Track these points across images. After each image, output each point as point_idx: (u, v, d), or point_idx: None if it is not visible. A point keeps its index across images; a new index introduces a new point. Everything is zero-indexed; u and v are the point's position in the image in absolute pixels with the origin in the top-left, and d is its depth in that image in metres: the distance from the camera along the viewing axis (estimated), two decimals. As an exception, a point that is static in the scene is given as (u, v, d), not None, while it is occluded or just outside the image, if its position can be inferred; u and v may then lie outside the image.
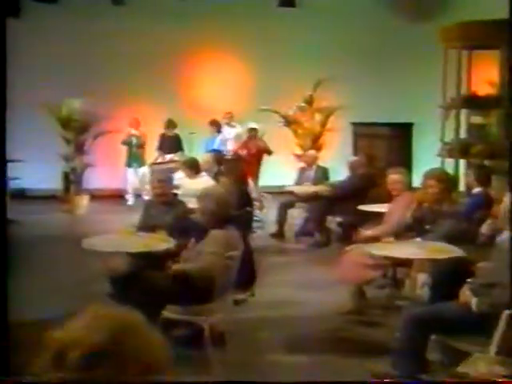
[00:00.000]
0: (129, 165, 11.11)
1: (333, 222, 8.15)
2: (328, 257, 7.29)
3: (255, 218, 7.13)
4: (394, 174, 5.86)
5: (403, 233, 5.05)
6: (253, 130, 10.44)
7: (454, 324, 3.47)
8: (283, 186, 9.21)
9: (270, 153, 10.40)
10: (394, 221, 5.35)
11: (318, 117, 11.36)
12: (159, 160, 10.80)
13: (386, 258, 4.78)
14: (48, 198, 11.20)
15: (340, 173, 9.23)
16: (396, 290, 5.10)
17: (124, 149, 11.19)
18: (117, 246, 4.77)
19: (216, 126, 10.81)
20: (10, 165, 9.42)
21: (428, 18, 11.24)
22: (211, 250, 4.27)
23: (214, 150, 9.28)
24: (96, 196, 11.17)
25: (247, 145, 10.38)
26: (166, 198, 5.44)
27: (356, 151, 10.42)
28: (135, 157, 11.06)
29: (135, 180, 11.12)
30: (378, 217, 6.27)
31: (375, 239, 5.16)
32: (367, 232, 5.49)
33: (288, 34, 12.06)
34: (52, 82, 11.25)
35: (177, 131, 11.09)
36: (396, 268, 4.99)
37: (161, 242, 4.75)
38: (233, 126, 11.15)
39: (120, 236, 5.02)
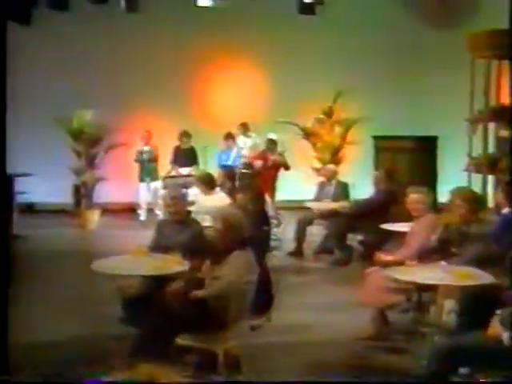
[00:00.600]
0: (141, 179, 11.11)
1: (354, 239, 8.09)
2: (348, 276, 7.27)
3: (272, 237, 7.07)
4: (413, 194, 5.68)
5: (427, 256, 4.96)
6: (272, 142, 10.41)
7: (483, 358, 3.39)
8: (301, 201, 9.16)
9: (287, 168, 10.37)
10: (415, 245, 5.25)
11: (337, 129, 11.34)
12: (173, 173, 10.78)
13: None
14: (58, 212, 11.27)
15: (361, 188, 9.15)
16: (420, 314, 5.00)
17: (136, 163, 11.19)
18: (128, 268, 4.70)
19: (231, 139, 10.78)
20: (18, 179, 9.64)
21: (455, 25, 11.14)
22: (231, 274, 4.24)
23: (227, 166, 9.24)
24: (107, 210, 11.21)
25: (263, 156, 10.36)
26: (179, 216, 5.39)
27: (377, 166, 10.33)
28: (148, 171, 11.06)
29: (148, 194, 11.12)
30: (400, 236, 6.19)
31: (397, 263, 5.07)
32: (388, 257, 5.39)
33: (307, 42, 12.05)
34: (63, 93, 11.33)
35: (191, 143, 11.08)
36: (421, 292, 4.90)
37: (174, 265, 4.68)
38: (248, 136, 11.11)
39: (131, 257, 4.97)
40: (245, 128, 11.08)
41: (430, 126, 10.74)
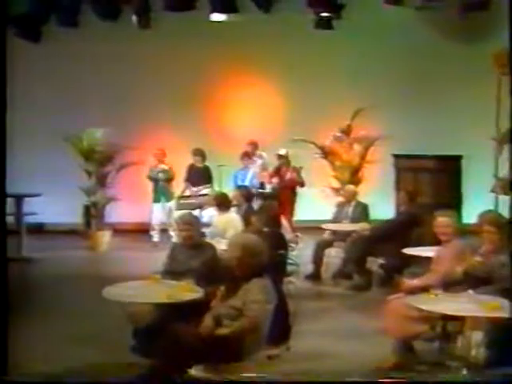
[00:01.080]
0: (156, 200, 11.09)
1: (374, 263, 8.00)
2: (368, 302, 7.21)
3: (289, 261, 7.02)
4: (442, 217, 5.61)
5: (453, 284, 4.87)
6: (281, 157, 10.39)
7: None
8: (319, 222, 9.11)
9: (302, 184, 10.31)
10: (442, 271, 5.17)
11: (356, 148, 11.28)
12: (187, 193, 10.78)
13: (435, 310, 4.61)
14: (67, 232, 11.29)
15: (381, 209, 9.08)
16: (446, 344, 4.90)
17: (149, 182, 11.17)
18: (139, 296, 4.71)
19: (249, 158, 10.74)
20: (27, 199, 9.67)
21: (480, 40, 11.07)
22: (257, 299, 4.20)
23: (243, 186, 9.22)
24: (119, 231, 11.21)
25: (279, 172, 10.33)
26: (192, 241, 5.38)
27: (398, 186, 10.25)
28: (162, 191, 11.05)
29: (161, 215, 11.10)
30: (423, 260, 6.11)
31: (421, 289, 4.99)
32: (412, 283, 5.31)
33: (324, 58, 12.06)
34: (73, 111, 11.40)
35: (206, 162, 11.05)
36: (446, 321, 4.80)
37: (187, 292, 4.68)
38: (259, 157, 11.05)
39: (144, 284, 4.97)
40: (253, 147, 11.02)
41: (454, 144, 10.62)
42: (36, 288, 8.14)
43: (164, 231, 11.03)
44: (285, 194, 10.20)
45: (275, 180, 10.11)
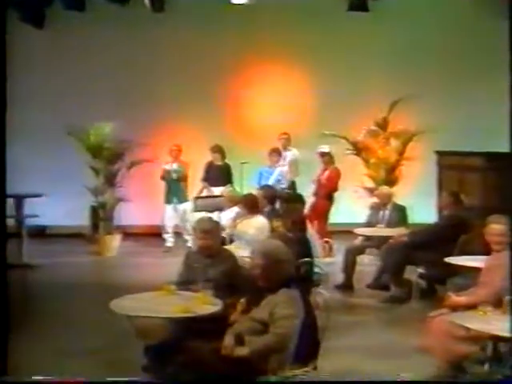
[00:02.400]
0: (168, 201, 11.11)
1: (413, 272, 7.92)
2: (407, 317, 7.18)
3: (317, 271, 6.98)
4: (496, 224, 5.48)
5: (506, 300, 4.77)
6: (324, 154, 10.32)
7: None
8: (350, 225, 9.08)
9: (335, 190, 10.29)
10: (494, 285, 5.05)
11: (394, 143, 11.20)
12: (204, 193, 10.79)
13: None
14: (72, 236, 11.34)
15: (421, 213, 9.00)
16: (498, 367, 4.81)
17: (162, 181, 11.18)
18: (151, 310, 4.67)
19: (277, 155, 10.70)
20: (28, 200, 9.72)
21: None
22: (286, 314, 4.17)
23: (267, 186, 9.20)
24: (129, 234, 11.27)
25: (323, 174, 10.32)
26: (211, 250, 5.35)
27: (441, 186, 10.14)
28: (176, 191, 11.07)
29: (175, 217, 11.11)
30: (469, 271, 6.05)
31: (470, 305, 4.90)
32: (459, 300, 5.22)
33: (359, 43, 12.02)
34: (79, 103, 11.44)
35: (226, 160, 11.06)
36: (497, 342, 4.71)
37: (204, 305, 4.67)
38: (290, 151, 11.02)
39: (156, 295, 4.94)
40: (286, 140, 10.99)
41: (506, 139, 10.46)
42: (37, 297, 8.17)
43: (178, 234, 11.04)
44: (320, 197, 10.15)
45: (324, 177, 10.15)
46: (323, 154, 10.41)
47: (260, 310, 4.31)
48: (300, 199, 7.73)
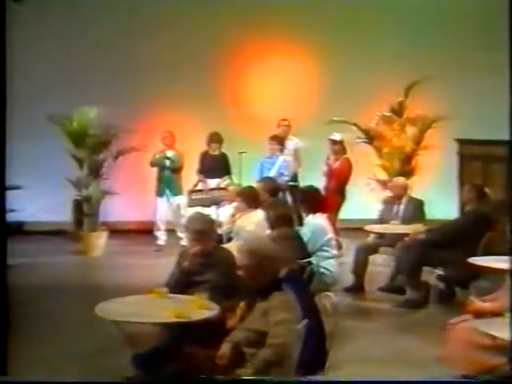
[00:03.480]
0: (160, 193, 11.11)
1: (431, 274, 7.93)
2: (424, 323, 7.21)
3: (323, 271, 7.00)
4: None
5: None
6: (336, 143, 10.26)
7: None
8: (362, 222, 9.10)
9: (345, 183, 10.27)
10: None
11: (410, 131, 11.19)
12: (200, 187, 10.80)
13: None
14: (53, 233, 11.36)
15: (440, 207, 9.01)
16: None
17: (154, 172, 11.19)
18: (141, 314, 4.70)
19: (279, 143, 10.69)
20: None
21: None
22: (280, 319, 4.16)
23: (268, 178, 9.22)
24: (117, 231, 11.29)
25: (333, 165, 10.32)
26: (205, 251, 5.36)
27: (463, 178, 10.15)
28: (169, 182, 11.07)
29: (168, 212, 11.11)
30: (495, 273, 6.06)
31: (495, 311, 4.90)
32: (484, 304, 5.22)
33: (371, 19, 12.02)
34: (61, 85, 11.42)
35: (223, 149, 11.07)
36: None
37: (199, 310, 4.68)
38: (292, 140, 11.00)
39: (146, 299, 4.96)
40: (286, 127, 10.96)
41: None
42: (13, 302, 8.14)
43: (171, 231, 11.04)
44: (331, 192, 10.14)
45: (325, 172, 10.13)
46: (334, 143, 10.35)
47: (253, 319, 4.33)
48: (318, 192, 7.85)
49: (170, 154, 11.06)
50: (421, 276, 7.97)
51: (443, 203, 9.08)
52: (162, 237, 11.13)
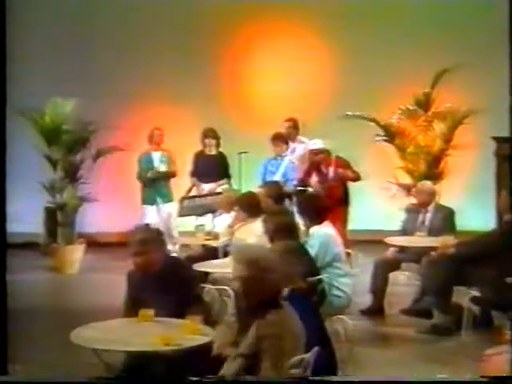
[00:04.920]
0: (149, 201, 11.12)
1: (464, 295, 7.91)
2: (454, 353, 7.16)
3: (335, 291, 6.99)
4: None
5: None
6: (318, 153, 10.21)
7: None
8: (381, 232, 9.13)
9: (356, 178, 10.21)
10: None
11: (438, 127, 11.19)
12: (194, 193, 10.84)
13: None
14: (22, 246, 11.31)
15: (474, 217, 9.00)
16: None
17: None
18: (123, 341, 4.70)
19: (283, 142, 10.69)
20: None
21: None
22: (274, 332, 4.20)
23: (272, 182, 9.22)
24: (96, 244, 11.33)
25: (319, 170, 10.27)
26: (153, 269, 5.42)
27: (500, 183, 10.14)
28: (160, 188, 11.12)
29: (157, 222, 11.10)
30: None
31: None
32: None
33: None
34: (28, 73, 11.41)
35: (221, 149, 11.08)
36: None
37: (191, 335, 4.68)
38: (301, 142, 10.99)
39: (129, 323, 4.97)
40: (290, 128, 10.94)
41: None
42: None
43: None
44: (333, 197, 10.11)
45: (315, 179, 10.06)
46: (316, 154, 10.28)
47: (248, 343, 4.35)
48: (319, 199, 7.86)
49: (158, 155, 11.09)
50: (451, 297, 7.93)
51: (477, 212, 9.06)
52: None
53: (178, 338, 4.59)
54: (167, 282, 5.30)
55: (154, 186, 11.10)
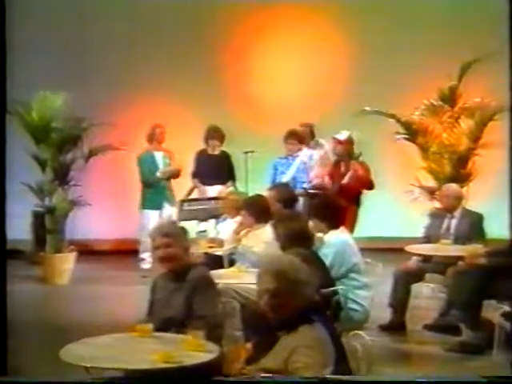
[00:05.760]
0: (155, 205, 11.08)
1: (496, 309, 7.88)
2: (485, 372, 6.96)
3: (352, 307, 6.99)
4: None
5: None
6: (341, 143, 10.23)
7: None
8: (401, 240, 9.16)
9: (370, 186, 10.20)
10: None
11: (466, 124, 11.20)
12: (195, 195, 10.88)
13: None
14: (7, 254, 11.27)
15: (504, 224, 8.95)
16: None
17: (137, 176, 11.18)
18: (119, 358, 4.69)
19: (297, 141, 10.66)
20: None
21: None
22: (308, 363, 4.15)
23: (281, 184, 9.21)
24: (88, 252, 11.37)
25: (337, 171, 10.24)
26: (176, 264, 5.50)
27: (534, 186, 10.12)
28: (163, 191, 11.13)
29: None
30: None
31: None
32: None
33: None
34: (15, 65, 11.41)
35: (225, 148, 11.12)
36: None
37: (193, 352, 4.68)
38: (320, 146, 10.96)
39: (126, 339, 4.97)
40: (306, 134, 10.93)
41: None
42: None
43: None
44: (346, 196, 10.10)
45: (327, 180, 10.07)
46: (339, 143, 10.33)
47: (271, 359, 4.32)
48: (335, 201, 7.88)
49: (160, 155, 11.14)
50: (481, 312, 7.91)
51: (508, 217, 9.00)
52: (148, 259, 11.04)
53: (178, 355, 4.56)
54: (188, 297, 5.40)
55: (160, 188, 11.10)
